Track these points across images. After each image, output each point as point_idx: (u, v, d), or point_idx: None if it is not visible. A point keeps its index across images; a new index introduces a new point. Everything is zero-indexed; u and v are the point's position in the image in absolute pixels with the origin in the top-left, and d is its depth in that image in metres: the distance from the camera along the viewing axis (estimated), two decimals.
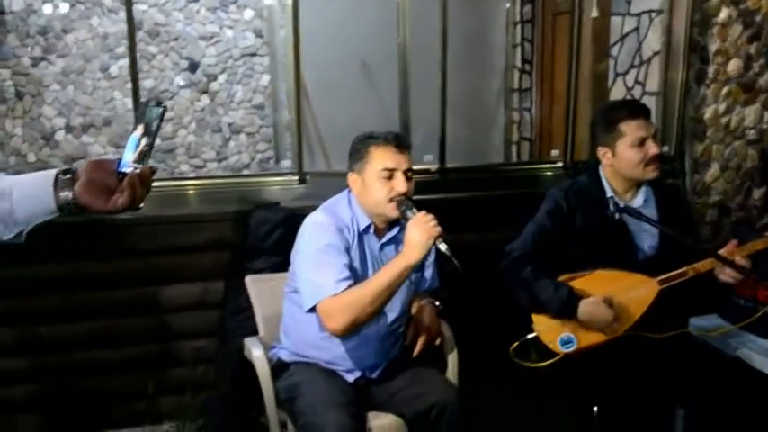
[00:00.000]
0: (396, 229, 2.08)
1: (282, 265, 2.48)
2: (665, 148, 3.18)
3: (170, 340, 2.58)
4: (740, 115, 3.37)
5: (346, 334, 1.88)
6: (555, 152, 3.07)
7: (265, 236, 2.53)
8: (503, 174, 3.01)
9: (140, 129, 1.14)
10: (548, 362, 2.18)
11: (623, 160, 2.20)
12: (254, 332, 2.34)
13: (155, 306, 2.55)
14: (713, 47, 3.20)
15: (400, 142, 1.99)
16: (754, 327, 2.36)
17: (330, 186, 2.68)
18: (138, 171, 1.10)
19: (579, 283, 2.16)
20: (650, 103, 3.29)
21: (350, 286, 1.88)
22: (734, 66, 3.26)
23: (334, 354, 2.06)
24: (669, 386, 2.15)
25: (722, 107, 3.31)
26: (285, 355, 2.13)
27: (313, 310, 1.92)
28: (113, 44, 4.22)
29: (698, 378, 2.15)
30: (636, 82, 3.34)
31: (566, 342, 2.16)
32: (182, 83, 4.47)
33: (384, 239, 2.07)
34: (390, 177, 1.96)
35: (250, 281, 2.40)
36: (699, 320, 2.50)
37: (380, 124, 4.28)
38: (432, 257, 2.18)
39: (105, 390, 2.55)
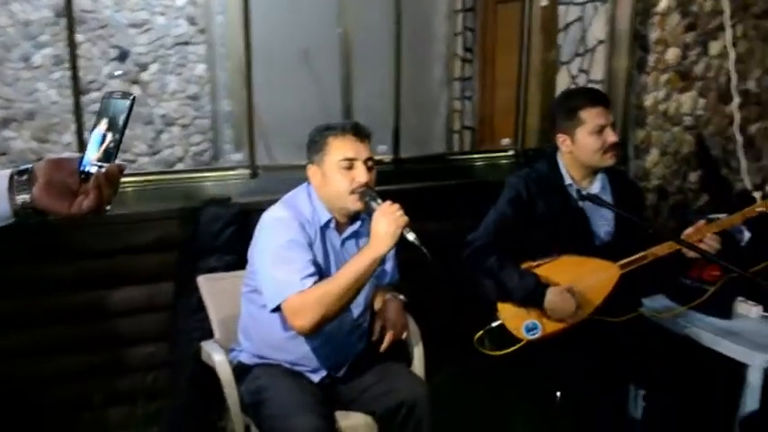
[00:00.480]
0: (357, 224, 2.02)
1: (236, 263, 2.41)
2: None
3: (117, 347, 2.44)
4: (678, 102, 3.47)
5: (314, 332, 1.81)
6: (506, 141, 3.08)
7: (217, 233, 2.42)
8: (456, 163, 2.99)
9: (104, 123, 1.04)
10: (511, 349, 2.18)
11: (582, 147, 2.22)
12: (209, 335, 2.24)
13: (99, 311, 2.40)
14: (653, 36, 3.28)
15: (359, 131, 1.94)
16: (702, 306, 2.44)
17: (283, 180, 2.62)
18: (103, 170, 1.00)
19: (544, 270, 2.17)
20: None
21: (315, 283, 1.81)
22: (672, 54, 3.36)
23: (298, 354, 1.99)
24: (628, 368, 2.20)
25: (661, 94, 3.40)
26: (246, 358, 2.05)
27: (277, 309, 1.84)
28: (36, 32, 3.96)
29: (652, 359, 2.20)
30: (580, 70, 3.39)
31: (531, 329, 2.17)
32: (111, 73, 4.24)
33: (345, 234, 2.02)
34: (350, 168, 1.91)
35: (203, 281, 2.29)
36: (649, 302, 2.57)
37: (323, 114, 4.22)
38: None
39: (49, 401, 2.39)
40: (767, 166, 3.89)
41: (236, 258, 2.44)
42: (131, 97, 1.06)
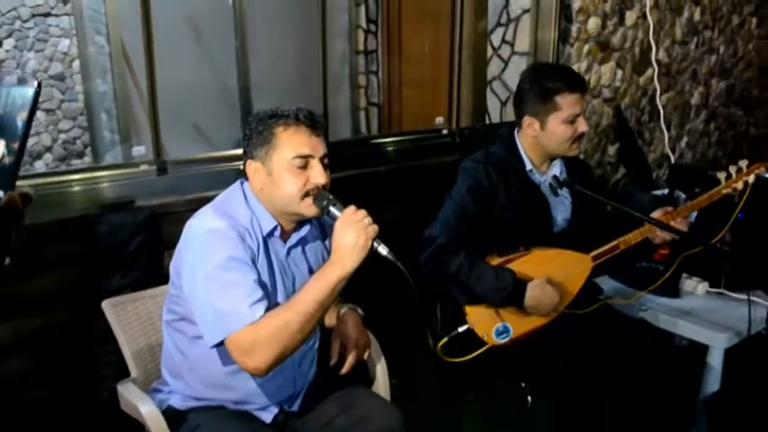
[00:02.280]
0: (304, 229, 1.70)
1: (147, 280, 2.01)
2: None
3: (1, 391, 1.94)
4: (598, 74, 3.39)
5: (270, 371, 1.48)
6: (439, 119, 2.84)
7: (121, 245, 1.98)
8: (384, 146, 2.71)
9: None
10: (475, 353, 1.98)
11: (552, 135, 2.04)
12: (122, 372, 1.84)
13: None
14: (576, 5, 3.15)
15: (315, 122, 1.61)
16: (656, 287, 2.36)
17: (193, 176, 2.24)
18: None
19: (516, 266, 1.99)
20: (521, 63, 3.20)
21: (267, 309, 1.48)
22: (593, 24, 3.25)
23: (243, 391, 1.65)
24: (601, 360, 2.06)
25: (584, 66, 3.30)
26: (178, 402, 1.68)
27: (220, 344, 1.49)
28: None
29: (622, 348, 2.09)
30: (504, 41, 3.21)
31: (501, 332, 1.98)
32: None
33: (290, 243, 1.69)
34: (305, 166, 1.58)
35: (109, 306, 1.87)
36: (606, 288, 2.46)
37: (217, 93, 3.80)
38: None
39: None
40: (675, 135, 3.95)
41: (147, 274, 2.03)
42: (35, 84, 0.70)
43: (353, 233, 1.48)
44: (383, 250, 1.50)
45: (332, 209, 1.55)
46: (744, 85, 4.40)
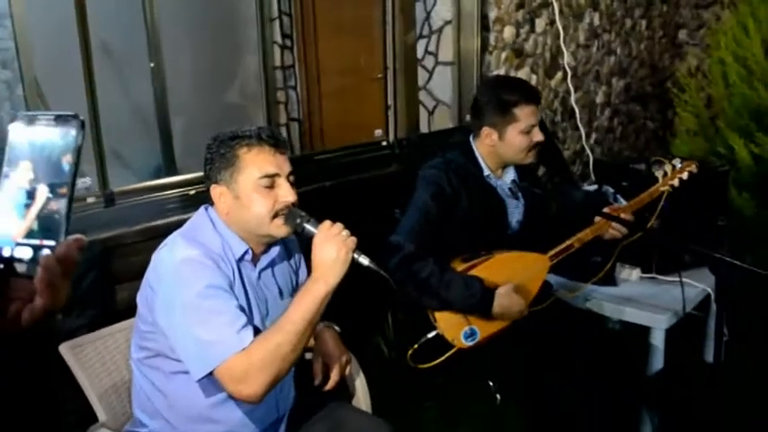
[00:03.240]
0: (274, 251, 1.69)
1: (103, 317, 1.91)
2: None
3: None
4: None
5: (265, 396, 1.45)
6: (378, 132, 2.88)
7: (75, 283, 1.86)
8: (323, 163, 2.72)
9: (24, 169, 0.66)
10: (443, 357, 2.03)
11: (510, 146, 2.14)
12: (86, 418, 1.74)
13: None
14: (492, 15, 3.30)
15: (278, 140, 1.60)
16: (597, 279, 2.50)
17: (140, 205, 2.17)
18: (49, 254, 0.62)
19: (480, 271, 2.05)
20: (445, 72, 3.30)
21: (254, 334, 1.46)
22: (508, 32, 3.42)
23: (229, 422, 1.61)
24: (560, 356, 2.16)
25: (502, 72, 3.46)
26: None
27: (207, 375, 1.45)
28: None
29: (577, 341, 2.20)
30: (427, 52, 3.30)
31: (469, 335, 2.04)
32: None
33: (261, 265, 1.67)
34: (272, 185, 1.57)
35: (67, 350, 1.76)
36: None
37: (133, 118, 3.66)
38: (302, 267, 1.85)
39: None
40: (585, 133, 4.19)
41: (102, 311, 1.94)
42: (80, 120, 0.68)
43: (333, 247, 1.48)
44: (364, 260, 1.52)
45: (307, 226, 1.55)
46: (639, 82, 4.75)
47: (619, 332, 2.61)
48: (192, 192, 2.27)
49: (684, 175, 2.29)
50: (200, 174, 2.25)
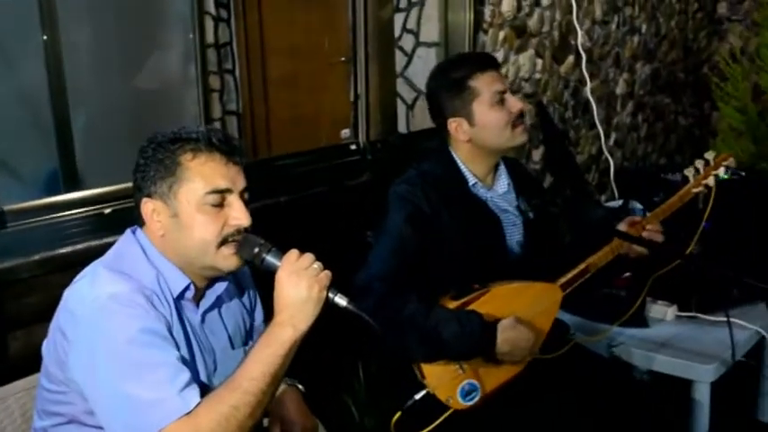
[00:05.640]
0: (220, 286, 1.71)
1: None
2: None
3: None
4: (516, 65, 3.65)
5: None
6: (345, 132, 2.93)
7: None
8: (281, 170, 2.76)
9: None
10: (435, 424, 2.06)
11: (486, 127, 2.20)
12: None
13: None
14: None
15: (232, 147, 1.62)
16: (619, 318, 2.56)
17: (43, 229, 2.17)
18: None
19: (478, 307, 2.09)
20: (429, 55, 3.38)
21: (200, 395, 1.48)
22: (507, 5, 3.50)
23: None
24: (577, 415, 2.22)
25: (500, 56, 3.53)
26: None
27: None
28: None
29: (600, 396, 2.26)
30: (405, 30, 3.37)
31: (468, 392, 2.07)
32: None
33: (205, 306, 1.69)
34: (221, 204, 1.59)
35: None
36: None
37: (20, 107, 3.63)
38: (258, 307, 1.88)
39: None
40: (600, 133, 4.30)
41: None
42: None
43: (304, 284, 1.51)
44: (342, 301, 1.54)
45: (268, 257, 1.57)
46: (669, 68, 4.90)
47: (652, 386, 2.68)
48: (108, 210, 2.28)
49: (720, 171, 2.36)
50: (120, 186, 2.31)
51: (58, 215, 2.22)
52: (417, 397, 2.05)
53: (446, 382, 2.05)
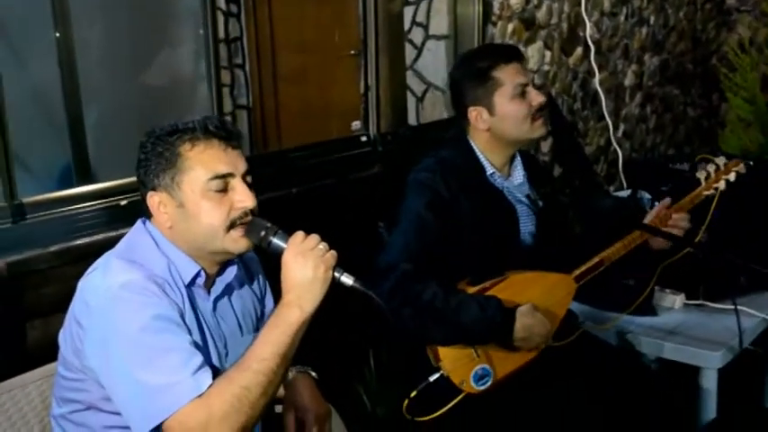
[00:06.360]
0: (229, 272, 1.74)
1: (10, 365, 1.95)
2: None
3: None
4: (525, 57, 3.66)
5: None
6: (356, 124, 2.96)
7: None
8: (292, 162, 2.79)
9: None
10: (447, 407, 2.10)
11: (506, 118, 2.23)
12: None
13: None
14: None
15: (229, 132, 1.65)
16: (628, 306, 2.58)
17: (60, 221, 2.21)
18: None
19: (496, 293, 2.12)
20: (439, 48, 3.41)
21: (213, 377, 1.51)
22: None
23: None
24: (586, 401, 2.24)
25: None
26: None
27: (154, 429, 1.49)
28: None
29: (605, 382, 2.29)
30: (414, 23, 3.39)
31: (481, 377, 2.10)
32: None
33: (216, 292, 1.72)
34: (224, 189, 1.62)
35: None
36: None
37: (34, 103, 3.68)
38: (268, 294, 1.91)
39: None
40: (608, 125, 4.31)
41: (6, 357, 1.98)
42: None
43: (310, 265, 1.54)
44: (348, 280, 1.57)
45: (274, 239, 1.60)
46: (677, 59, 4.90)
47: (661, 373, 2.70)
48: (124, 202, 2.31)
49: (731, 176, 2.41)
50: (133, 179, 2.34)
51: (76, 207, 2.25)
52: (432, 379, 2.08)
53: (461, 365, 2.09)
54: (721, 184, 2.41)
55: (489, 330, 2.06)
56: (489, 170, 2.27)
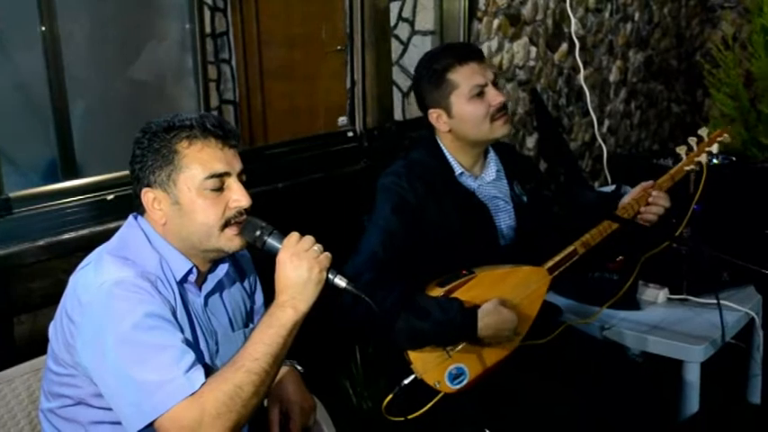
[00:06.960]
0: (221, 269, 1.75)
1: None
2: None
3: None
4: (510, 53, 3.69)
5: None
6: (342, 120, 2.96)
7: None
8: (275, 158, 2.79)
9: None
10: (426, 408, 2.10)
11: (464, 119, 2.20)
12: None
13: None
14: None
15: (226, 131, 1.66)
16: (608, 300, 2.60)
17: (47, 215, 2.20)
18: None
19: (462, 294, 2.11)
20: (424, 44, 3.40)
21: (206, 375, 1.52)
22: None
23: None
24: (568, 397, 2.26)
25: (494, 44, 3.57)
26: None
27: (147, 427, 1.50)
28: None
29: (588, 376, 2.30)
30: (400, 19, 3.40)
31: (456, 376, 2.10)
32: None
33: (207, 288, 1.73)
34: (220, 188, 1.63)
35: None
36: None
37: (19, 97, 3.66)
38: (258, 291, 1.92)
39: None
40: (593, 120, 4.33)
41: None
42: None
43: (304, 266, 1.55)
44: (341, 282, 1.59)
45: (269, 239, 1.61)
46: (661, 56, 4.94)
47: (643, 367, 2.73)
48: (111, 196, 2.31)
49: (714, 148, 2.36)
50: (122, 173, 2.34)
51: (63, 202, 2.25)
52: (405, 383, 2.07)
53: (433, 366, 2.08)
54: (703, 158, 2.36)
55: (452, 332, 2.05)
56: (458, 170, 2.25)
